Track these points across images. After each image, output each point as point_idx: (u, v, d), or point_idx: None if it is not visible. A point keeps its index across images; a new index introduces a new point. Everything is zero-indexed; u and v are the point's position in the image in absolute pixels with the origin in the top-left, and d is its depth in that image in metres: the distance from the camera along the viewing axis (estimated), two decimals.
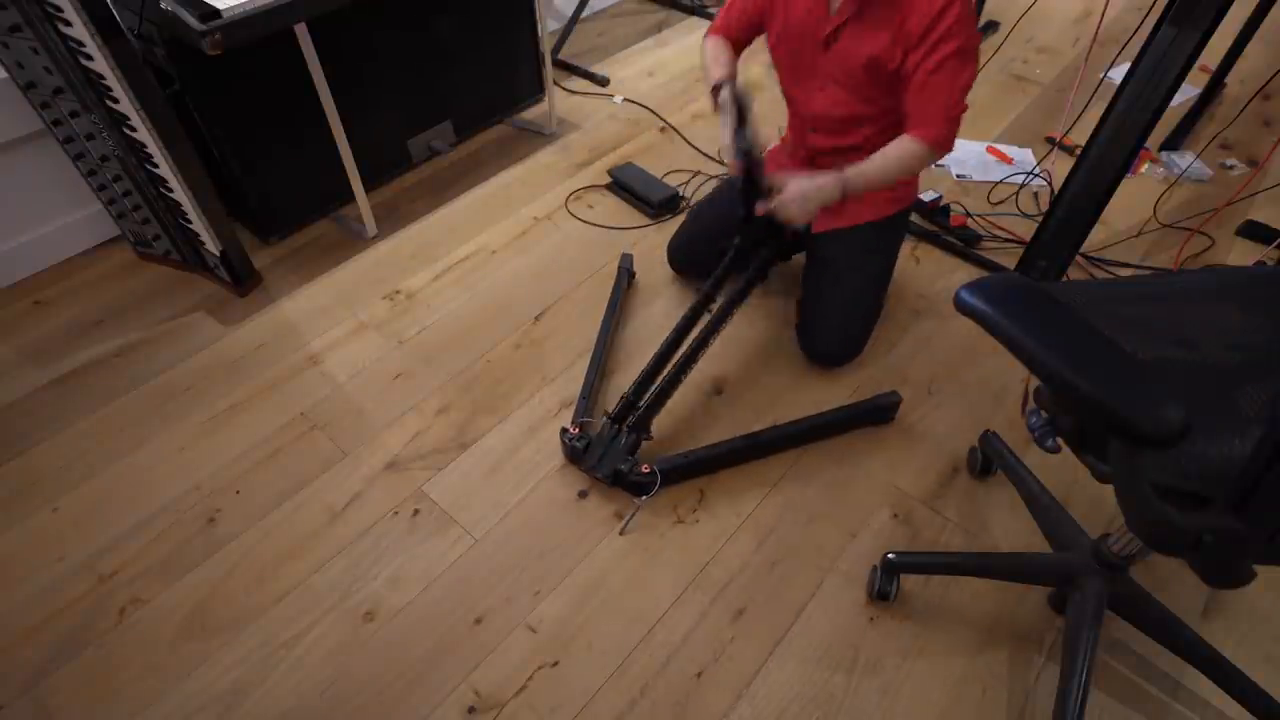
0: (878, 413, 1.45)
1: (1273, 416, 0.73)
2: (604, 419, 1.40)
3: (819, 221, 1.53)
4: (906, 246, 1.85)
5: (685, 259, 1.73)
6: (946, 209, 1.94)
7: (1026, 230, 1.83)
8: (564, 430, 1.39)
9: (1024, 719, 1.09)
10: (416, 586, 1.24)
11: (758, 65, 1.46)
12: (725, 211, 1.65)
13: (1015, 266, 1.75)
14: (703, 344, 1.44)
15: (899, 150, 1.30)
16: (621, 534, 1.30)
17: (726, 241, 1.65)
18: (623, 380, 1.55)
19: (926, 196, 1.94)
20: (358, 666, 1.15)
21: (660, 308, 1.72)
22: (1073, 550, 1.12)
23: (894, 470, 1.40)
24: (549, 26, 2.32)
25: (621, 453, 1.34)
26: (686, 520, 1.33)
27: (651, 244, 1.89)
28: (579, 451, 1.35)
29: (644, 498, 1.32)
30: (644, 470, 1.31)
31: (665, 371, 1.43)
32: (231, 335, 1.68)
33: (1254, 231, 1.85)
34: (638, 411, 1.38)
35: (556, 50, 2.64)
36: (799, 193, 1.32)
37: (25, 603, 1.23)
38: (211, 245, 1.66)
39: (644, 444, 1.38)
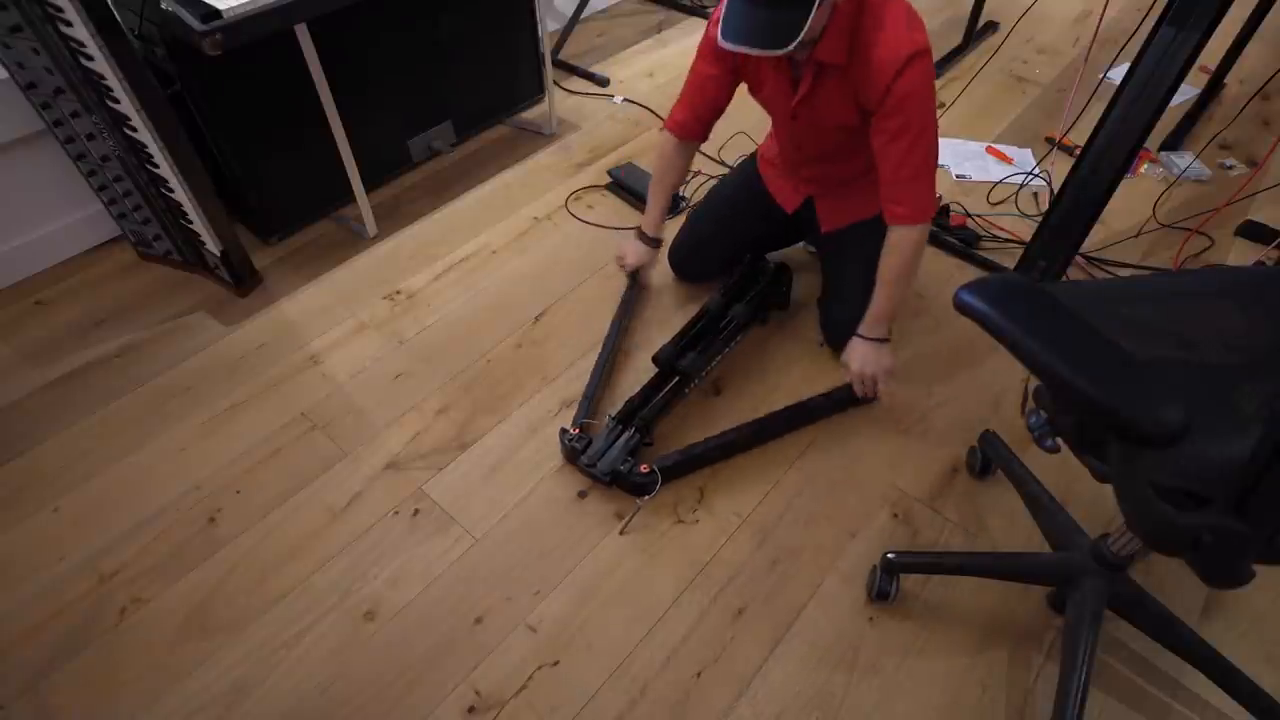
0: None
1: (1272, 416, 0.73)
2: (607, 419, 1.39)
3: (827, 221, 1.54)
4: None
5: (691, 270, 1.74)
6: (946, 209, 1.94)
7: (1026, 230, 1.83)
8: (563, 430, 1.39)
9: (1024, 719, 1.09)
10: (416, 586, 1.24)
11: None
12: (724, 221, 1.65)
13: (1015, 266, 1.75)
14: (709, 363, 1.47)
15: (893, 251, 1.32)
16: (622, 534, 1.30)
17: (730, 250, 1.66)
18: (623, 380, 1.55)
19: None
20: (358, 666, 1.15)
21: (661, 308, 1.72)
22: (1072, 550, 1.12)
23: (894, 470, 1.40)
24: (549, 27, 2.33)
25: (621, 454, 1.34)
26: (686, 520, 1.33)
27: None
28: (578, 452, 1.35)
29: (646, 497, 1.32)
30: (643, 470, 1.31)
31: (671, 384, 1.44)
32: (232, 335, 1.68)
33: (1253, 231, 1.85)
34: (642, 414, 1.38)
35: (556, 51, 2.64)
36: (868, 363, 1.38)
37: (25, 603, 1.23)
38: (212, 245, 1.66)
39: (644, 448, 1.38)
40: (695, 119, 1.48)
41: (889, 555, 1.20)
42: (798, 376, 1.56)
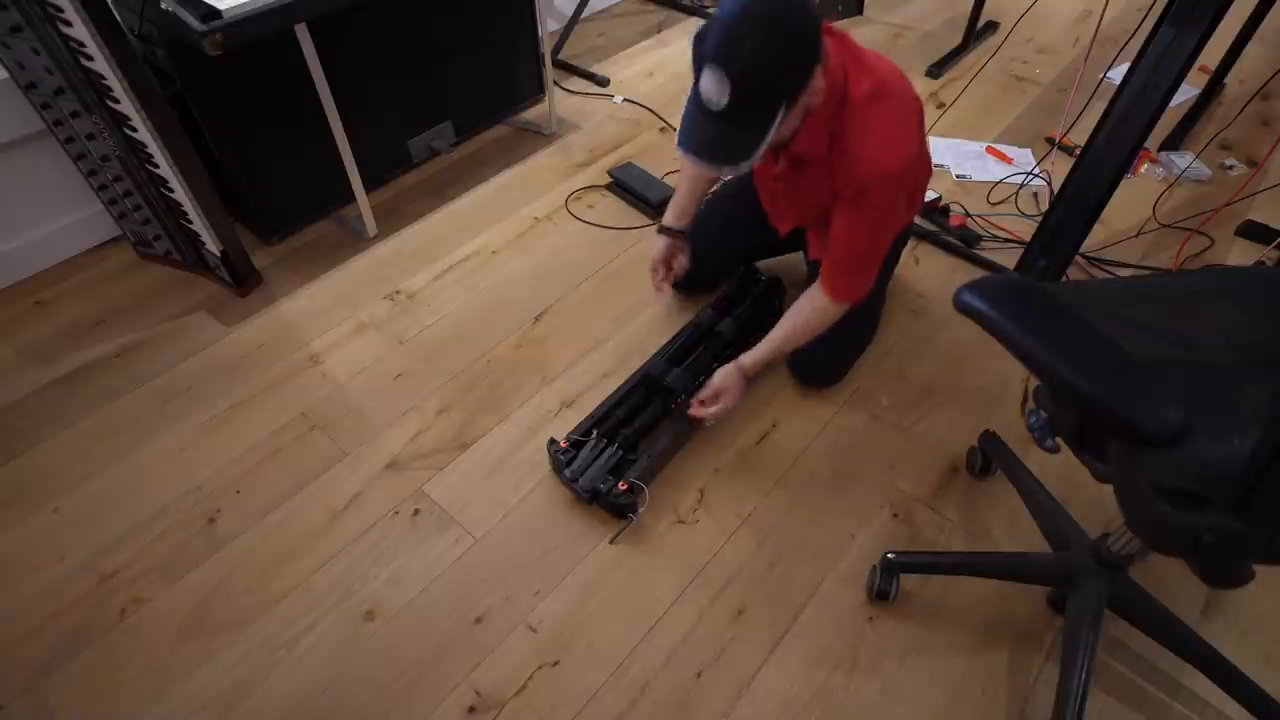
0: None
1: (1273, 416, 0.73)
2: (593, 433, 1.37)
3: (815, 248, 1.51)
4: (907, 246, 1.85)
5: (688, 284, 1.68)
6: (946, 209, 1.94)
7: (1026, 230, 1.83)
8: (551, 441, 1.38)
9: (1024, 719, 1.09)
10: (417, 586, 1.24)
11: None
12: (720, 236, 1.61)
13: (1015, 266, 1.75)
14: (696, 379, 1.45)
15: (802, 308, 1.34)
16: (612, 543, 1.30)
17: (727, 261, 1.64)
18: (618, 382, 1.55)
19: (926, 196, 1.94)
20: (358, 666, 1.15)
21: (662, 311, 1.72)
22: (1072, 550, 1.12)
23: (894, 470, 1.40)
24: (549, 26, 2.33)
25: (603, 471, 1.32)
26: (686, 520, 1.33)
27: (651, 245, 1.88)
28: (563, 464, 1.34)
29: (633, 517, 1.30)
30: (621, 488, 1.28)
31: (657, 399, 1.43)
32: (232, 335, 1.68)
33: (1253, 231, 1.85)
34: (625, 432, 1.37)
35: (556, 50, 2.64)
36: (734, 397, 1.36)
37: (25, 603, 1.24)
38: (212, 245, 1.66)
39: (628, 463, 1.34)
40: None
41: (889, 555, 1.20)
42: (791, 379, 1.56)
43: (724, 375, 1.36)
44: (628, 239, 1.91)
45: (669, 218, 1.55)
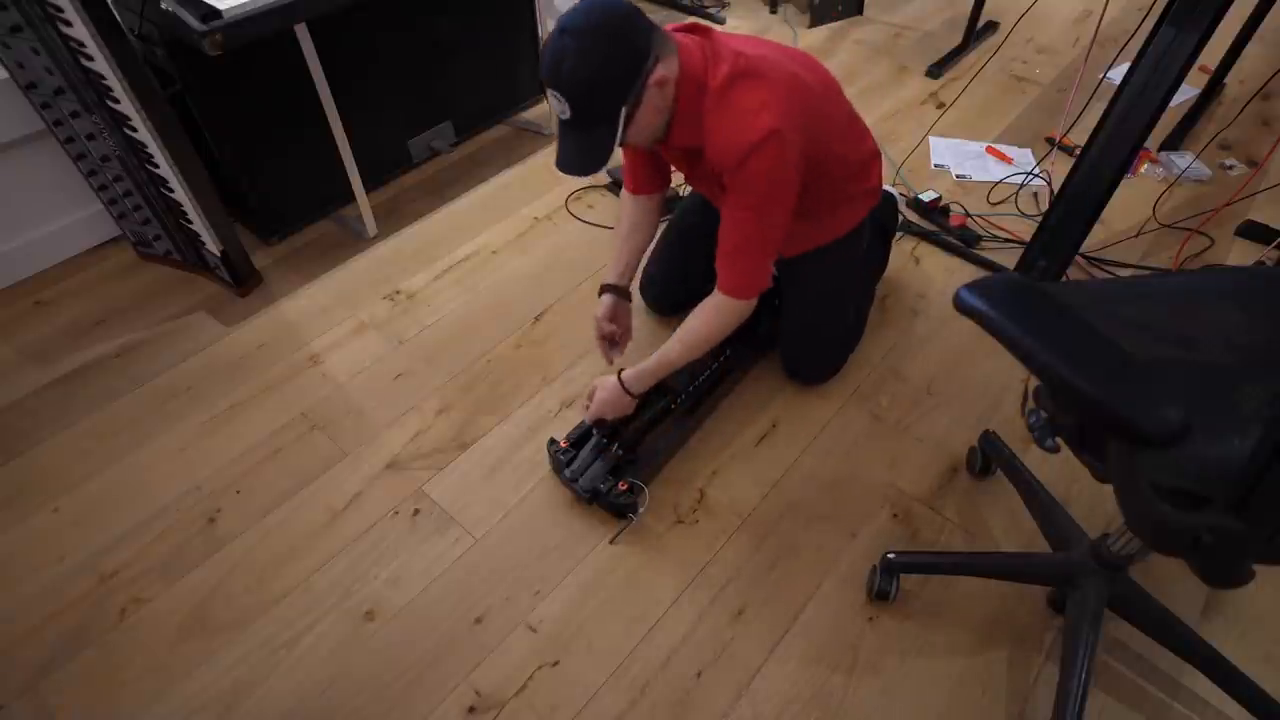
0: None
1: (1273, 416, 0.73)
2: (594, 434, 1.37)
3: (787, 247, 1.46)
4: (907, 246, 1.85)
5: (664, 305, 1.65)
6: (946, 209, 1.94)
7: (1026, 230, 1.83)
8: (552, 440, 1.38)
9: (1024, 719, 1.09)
10: (417, 586, 1.24)
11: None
12: (684, 257, 1.57)
13: (1015, 266, 1.75)
14: (694, 380, 1.44)
15: (697, 313, 1.27)
16: (612, 543, 1.30)
17: (700, 277, 1.61)
18: None
19: (926, 196, 1.94)
20: (358, 666, 1.15)
21: (654, 320, 1.71)
22: (1072, 550, 1.12)
23: (894, 470, 1.40)
24: (549, 26, 2.32)
25: (603, 471, 1.32)
26: (686, 520, 1.33)
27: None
28: (563, 464, 1.34)
29: (633, 517, 1.30)
30: (621, 488, 1.29)
31: (657, 400, 1.42)
32: (232, 335, 1.68)
33: (1253, 231, 1.85)
34: (625, 434, 1.37)
35: None
36: (606, 410, 1.33)
37: (25, 603, 1.24)
38: (212, 245, 1.66)
39: (628, 464, 1.34)
40: (645, 171, 1.40)
41: (889, 555, 1.20)
42: (788, 391, 1.56)
43: (603, 391, 1.33)
44: None
45: (611, 275, 1.43)
